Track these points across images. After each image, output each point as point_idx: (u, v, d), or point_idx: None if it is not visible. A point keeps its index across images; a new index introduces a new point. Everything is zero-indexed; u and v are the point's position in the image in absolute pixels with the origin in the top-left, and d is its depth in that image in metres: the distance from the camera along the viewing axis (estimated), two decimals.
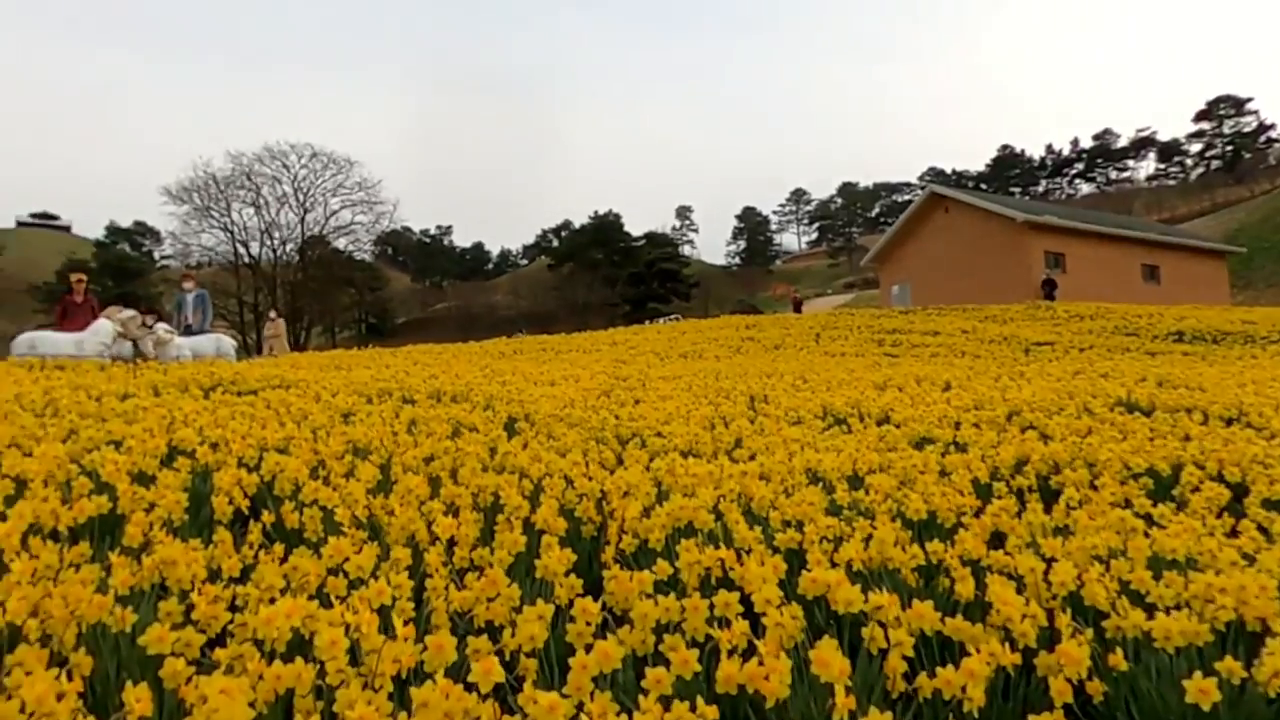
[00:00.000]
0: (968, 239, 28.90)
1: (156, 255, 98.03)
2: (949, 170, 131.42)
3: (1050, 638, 2.20)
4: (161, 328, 10.37)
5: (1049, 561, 2.51)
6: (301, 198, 71.36)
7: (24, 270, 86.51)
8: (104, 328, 10.15)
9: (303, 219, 71.77)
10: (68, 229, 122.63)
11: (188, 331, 11.90)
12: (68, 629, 1.88)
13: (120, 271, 78.94)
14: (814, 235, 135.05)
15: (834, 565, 2.46)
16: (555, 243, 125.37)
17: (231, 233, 69.21)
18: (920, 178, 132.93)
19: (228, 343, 11.84)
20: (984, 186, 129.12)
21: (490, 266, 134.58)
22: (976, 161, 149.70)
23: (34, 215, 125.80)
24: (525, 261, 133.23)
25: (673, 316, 62.77)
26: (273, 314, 23.29)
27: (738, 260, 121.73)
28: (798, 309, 36.38)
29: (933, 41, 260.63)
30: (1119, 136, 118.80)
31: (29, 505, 2.53)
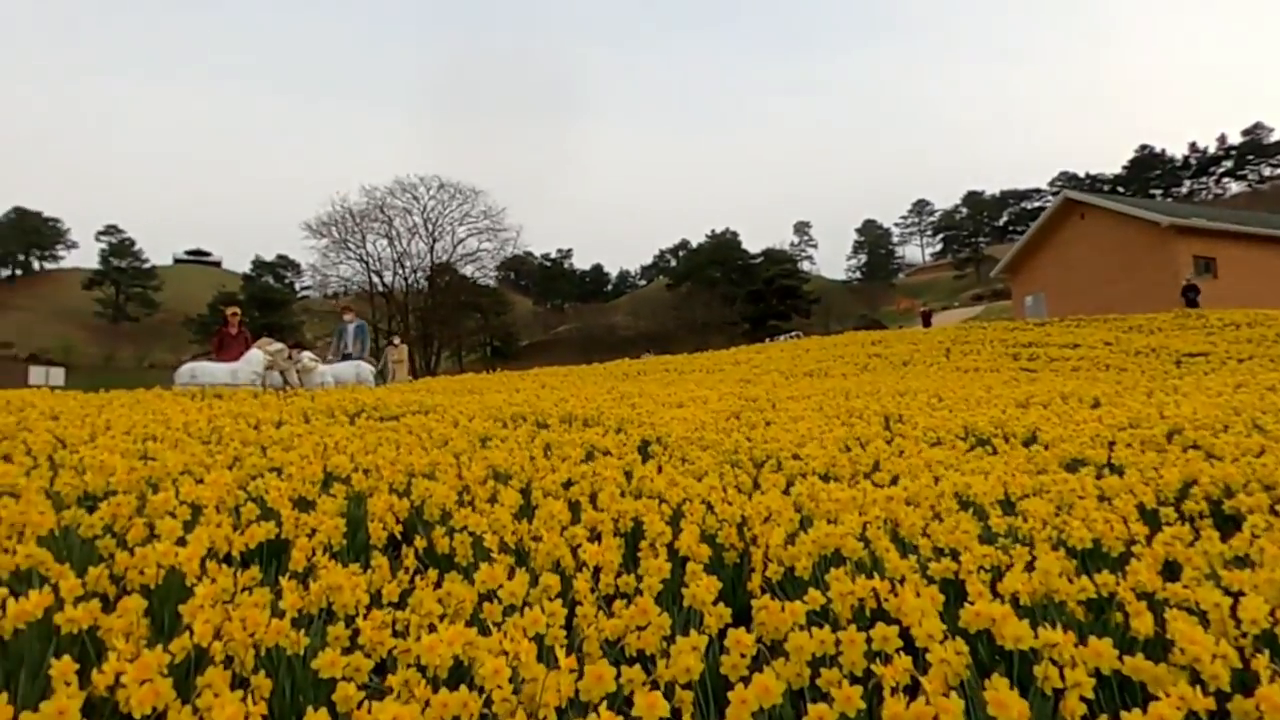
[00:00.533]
0: (1107, 245, 27.39)
1: (297, 286, 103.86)
2: (1082, 174, 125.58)
3: (1245, 680, 2.03)
4: (306, 356, 10.99)
5: (1234, 595, 2.33)
6: (430, 227, 74.46)
7: (181, 304, 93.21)
8: (256, 357, 10.77)
9: (432, 248, 74.80)
10: (218, 264, 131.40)
11: (346, 359, 12.63)
12: (248, 652, 1.98)
13: (265, 302, 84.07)
14: (938, 247, 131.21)
15: (996, 597, 2.35)
16: (673, 263, 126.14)
17: (366, 263, 72.74)
18: (1051, 183, 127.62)
19: (367, 369, 12.42)
20: (1121, 190, 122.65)
21: (609, 288, 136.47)
22: (1112, 164, 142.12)
23: (189, 252, 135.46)
24: (644, 282, 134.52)
25: (794, 334, 62.07)
26: (395, 340, 24.27)
27: (858, 275, 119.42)
28: (926, 323, 35.18)
29: (1061, 39, 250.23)
30: (1271, 130, 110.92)
31: (205, 531, 2.69)
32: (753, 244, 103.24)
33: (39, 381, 20.31)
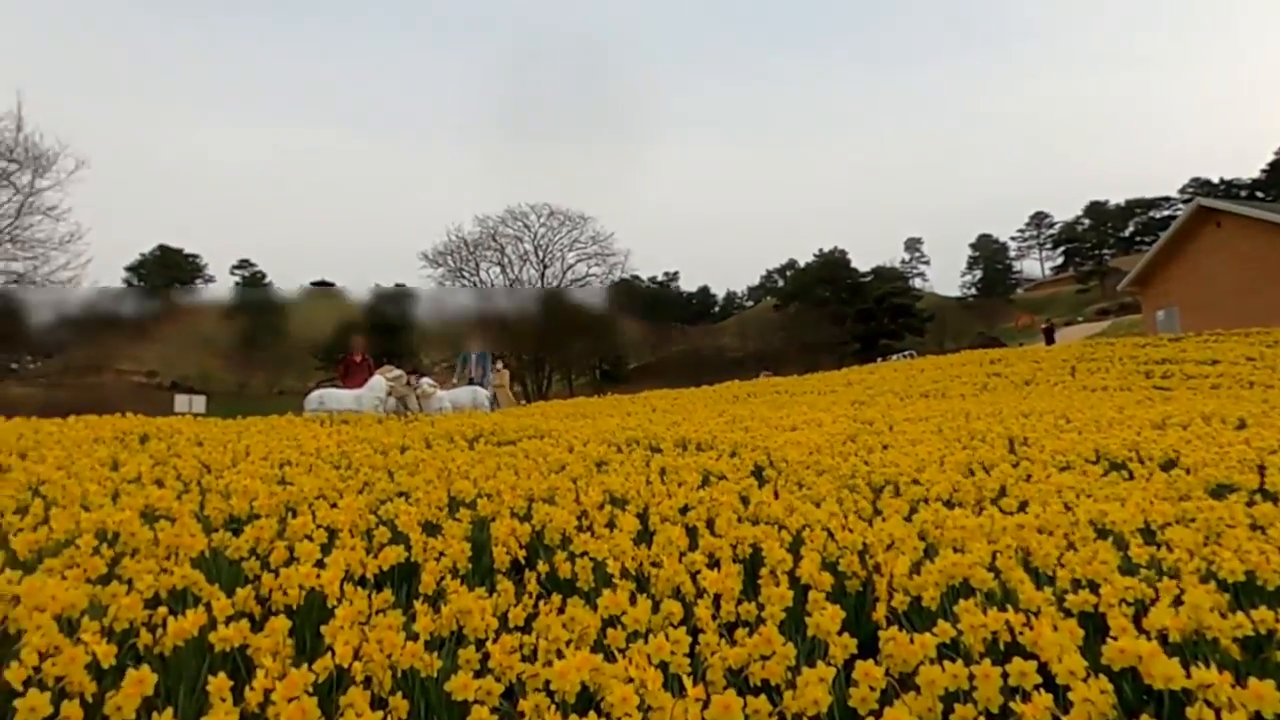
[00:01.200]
0: (1246, 255, 25.66)
1: (413, 313, 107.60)
2: (1216, 180, 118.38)
3: None
4: (425, 382, 11.37)
5: None
6: (541, 254, 76.48)
7: (307, 331, 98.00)
8: (378, 384, 11.20)
9: (543, 274, 76.75)
10: (341, 293, 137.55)
11: (471, 384, 13.09)
12: (385, 673, 2.06)
13: (385, 329, 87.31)
14: (1059, 260, 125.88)
15: (1141, 633, 2.23)
16: (780, 283, 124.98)
17: (480, 290, 75.32)
18: (1182, 191, 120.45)
19: (483, 394, 12.74)
20: (1260, 195, 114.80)
21: (716, 309, 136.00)
22: (1249, 168, 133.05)
23: (314, 283, 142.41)
24: (751, 303, 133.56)
25: (908, 353, 60.37)
26: (499, 365, 24.75)
27: (973, 291, 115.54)
28: (1049, 339, 33.61)
29: (1190, 39, 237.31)
30: None
31: (341, 554, 2.82)
32: (862, 262, 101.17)
33: (183, 409, 21.37)
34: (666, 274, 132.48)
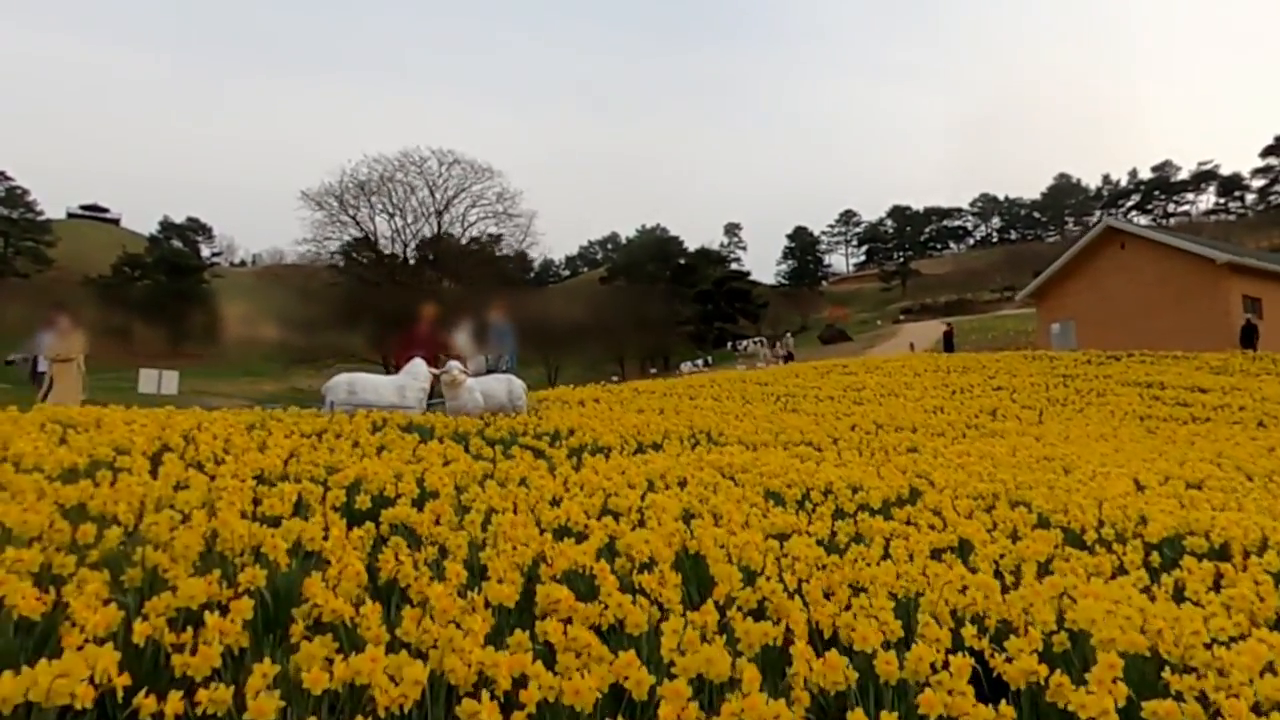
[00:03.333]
0: (1149, 278, 26.93)
1: (206, 252, 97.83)
2: (1001, 197, 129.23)
3: None
4: (455, 366, 8.80)
5: None
6: (437, 203, 68.92)
7: (76, 262, 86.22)
8: (421, 370, 8.78)
9: (439, 227, 69.50)
10: (116, 221, 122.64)
11: (488, 371, 10.29)
12: None
13: (174, 268, 78.50)
14: (861, 258, 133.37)
15: None
16: (599, 255, 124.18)
17: (371, 239, 67.09)
18: (972, 204, 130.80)
19: (519, 386, 9.91)
20: (1037, 215, 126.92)
21: (530, 276, 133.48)
22: (1031, 189, 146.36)
23: (83, 207, 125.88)
24: (567, 273, 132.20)
25: (757, 340, 60.79)
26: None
27: (784, 281, 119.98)
28: (949, 346, 32.18)
29: (992, 66, 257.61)
30: (1179, 169, 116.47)
31: None
32: (681, 241, 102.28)
33: (150, 388, 16.10)
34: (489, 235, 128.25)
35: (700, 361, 55.17)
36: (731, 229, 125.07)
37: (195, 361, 72.83)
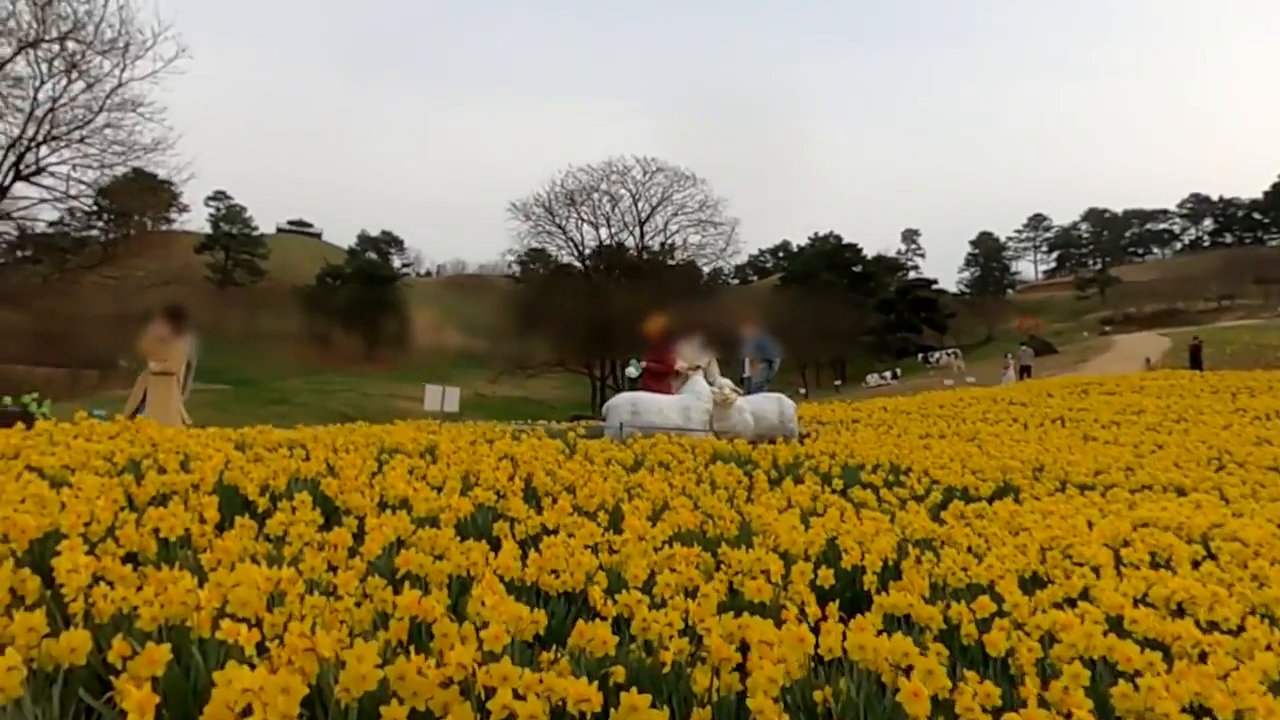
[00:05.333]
0: None
1: (398, 263, 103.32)
2: (1215, 197, 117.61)
3: None
4: (726, 384, 8.17)
5: None
6: (639, 212, 69.80)
7: (284, 273, 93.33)
8: (704, 389, 8.03)
9: (640, 236, 70.55)
10: (319, 235, 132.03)
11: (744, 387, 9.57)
12: None
13: (370, 278, 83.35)
14: (1051, 264, 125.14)
15: None
16: (770, 263, 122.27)
17: (578, 247, 68.79)
18: (1180, 205, 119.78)
19: (790, 406, 8.83)
20: (1258, 216, 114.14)
21: (700, 283, 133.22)
22: (1252, 188, 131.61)
23: (290, 222, 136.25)
24: (735, 282, 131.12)
25: (950, 351, 57.68)
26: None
27: (966, 289, 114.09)
28: (1197, 361, 27.64)
29: (1198, 56, 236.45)
30: None
31: None
32: (859, 248, 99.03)
33: (434, 405, 15.52)
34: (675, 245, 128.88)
35: (888, 374, 52.71)
36: (909, 235, 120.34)
37: (386, 366, 77.29)
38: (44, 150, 21.94)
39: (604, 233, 68.17)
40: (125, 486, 3.16)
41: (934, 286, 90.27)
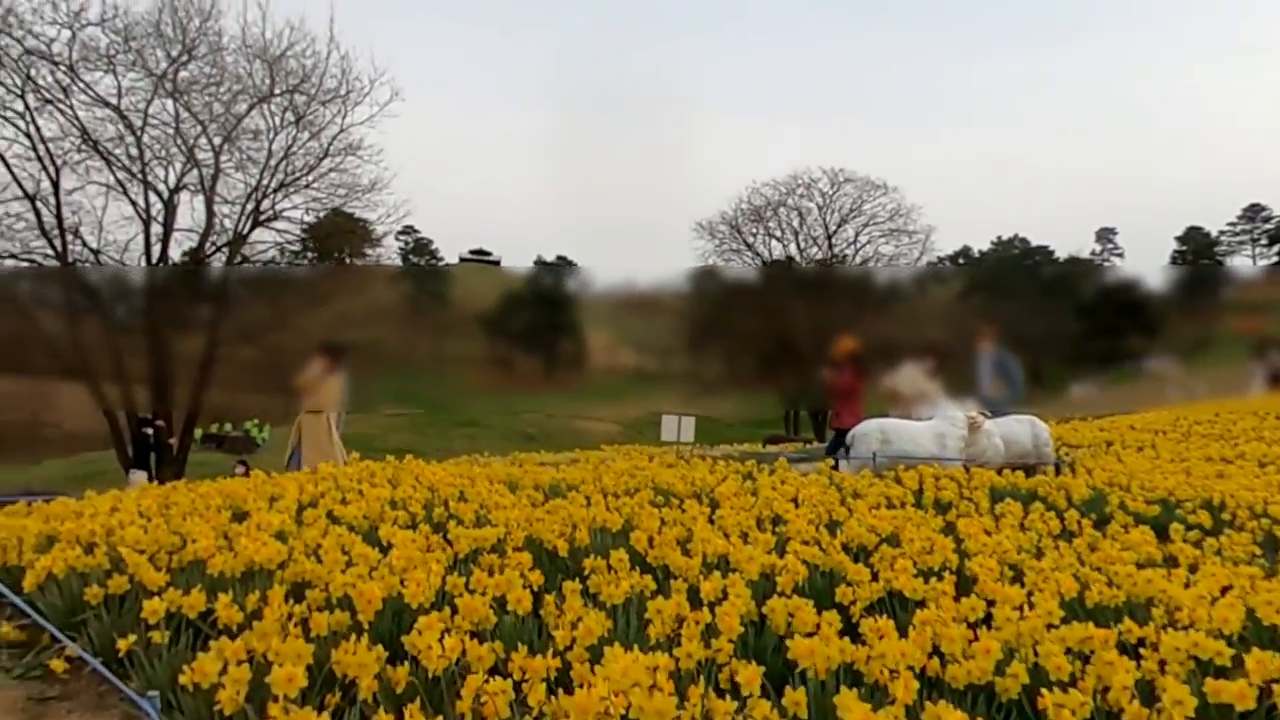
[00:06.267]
0: None
1: (571, 286, 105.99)
2: None
3: None
4: (969, 408, 7.68)
5: None
6: (827, 224, 69.37)
7: (467, 300, 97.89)
8: (959, 414, 7.56)
9: (829, 248, 70.05)
10: (497, 263, 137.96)
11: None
12: None
13: (550, 302, 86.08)
14: (1273, 259, 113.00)
15: None
16: (949, 270, 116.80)
17: (766, 264, 69.21)
18: None
19: (1044, 429, 8.15)
20: None
21: (884, 293, 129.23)
22: None
23: (472, 252, 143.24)
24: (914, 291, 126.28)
25: (1163, 359, 52.88)
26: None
27: (1175, 289, 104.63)
28: None
29: None
30: None
31: None
32: (1051, 250, 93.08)
33: (670, 436, 15.69)
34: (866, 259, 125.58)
35: (1094, 385, 48.82)
36: (1105, 234, 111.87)
37: (564, 387, 79.39)
38: (278, 196, 24.15)
39: (792, 248, 67.15)
40: (430, 540, 3.21)
41: (1139, 288, 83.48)
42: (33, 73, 20.28)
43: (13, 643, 3.30)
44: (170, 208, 22.61)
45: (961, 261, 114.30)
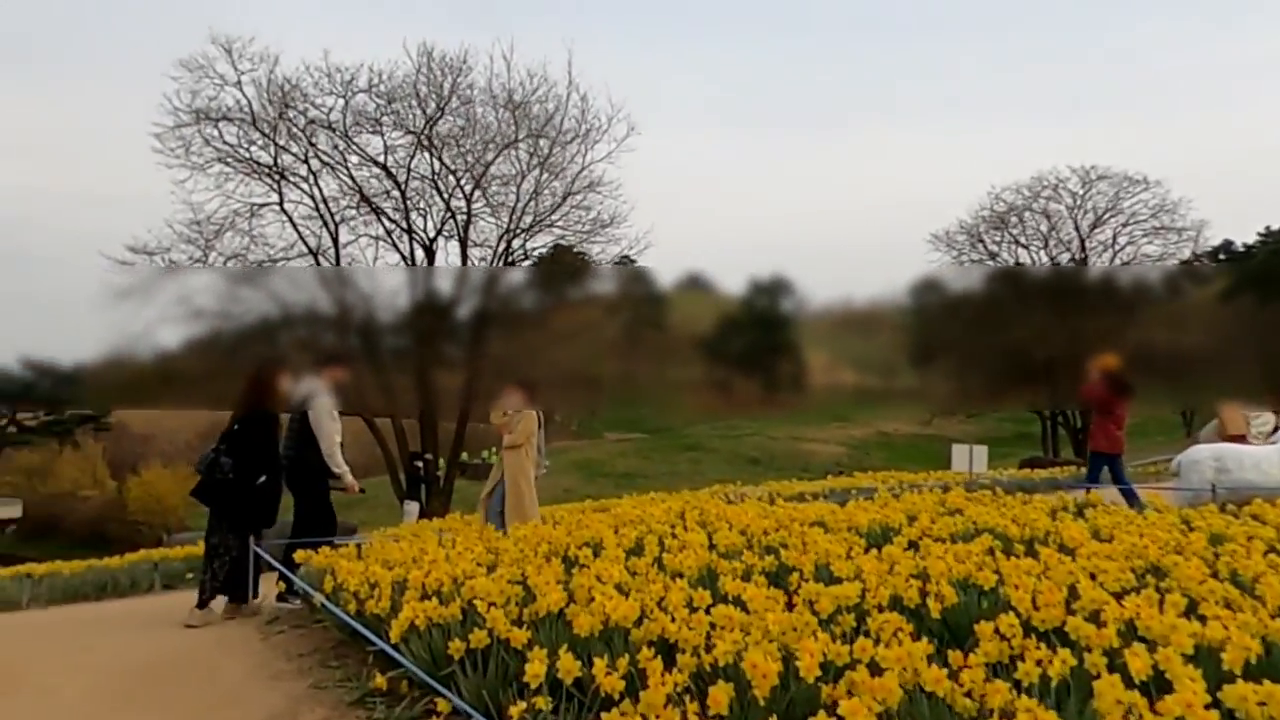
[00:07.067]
0: None
1: (788, 305, 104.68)
2: None
3: None
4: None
5: None
6: (1079, 226, 64.80)
7: (683, 324, 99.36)
8: None
9: (1083, 250, 65.59)
10: (713, 287, 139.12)
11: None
12: None
13: (766, 323, 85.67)
14: None
15: None
16: (1209, 268, 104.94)
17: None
18: None
19: None
20: None
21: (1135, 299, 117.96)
22: None
23: (687, 277, 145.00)
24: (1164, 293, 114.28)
25: None
26: None
27: None
28: None
29: None
30: None
31: None
32: None
33: (962, 466, 15.95)
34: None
35: None
36: None
37: (785, 409, 78.56)
38: (526, 237, 25.50)
39: (1042, 254, 61.85)
40: (775, 595, 2.94)
41: None
42: (314, 140, 23.02)
43: (378, 691, 3.46)
44: (430, 254, 24.64)
45: (1223, 258, 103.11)
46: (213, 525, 6.18)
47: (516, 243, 25.08)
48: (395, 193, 23.88)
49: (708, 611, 2.76)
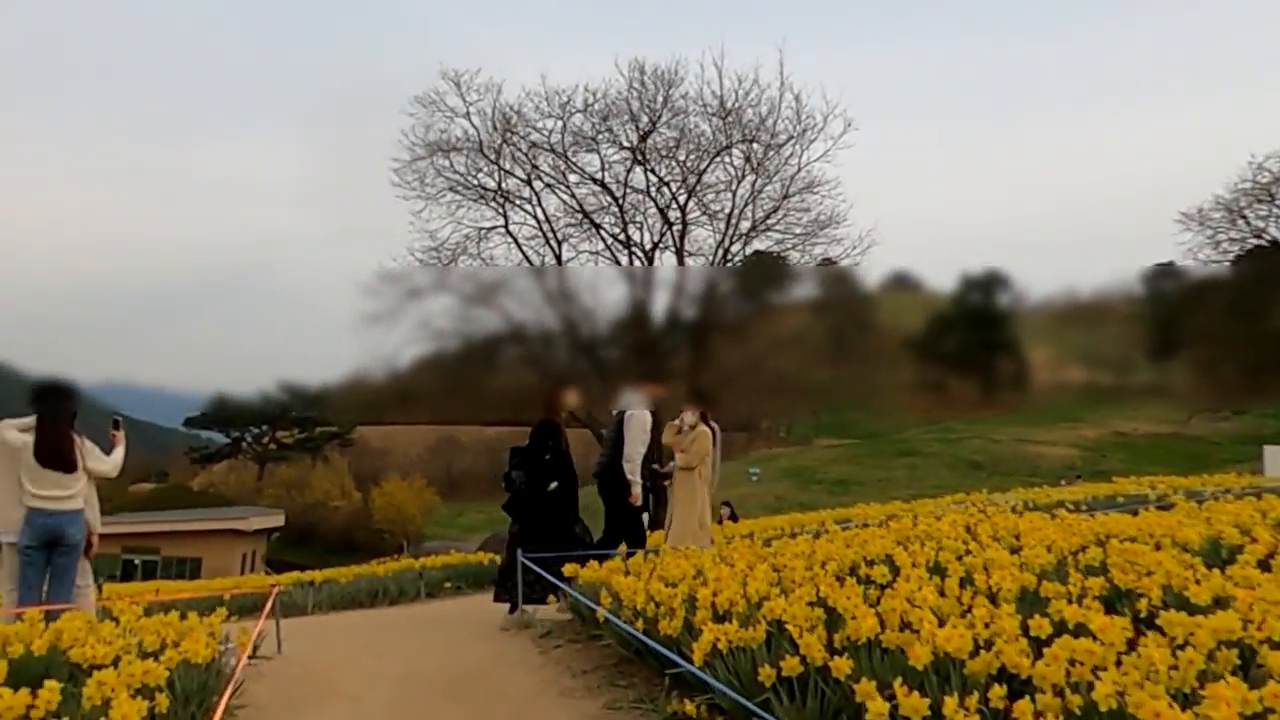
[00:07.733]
0: None
1: (1005, 300, 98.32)
2: None
3: None
4: None
5: None
6: None
7: (890, 324, 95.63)
8: None
9: None
10: (921, 285, 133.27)
11: None
12: None
13: (979, 320, 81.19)
14: None
15: None
16: None
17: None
18: None
19: None
20: None
21: None
22: None
23: (893, 275, 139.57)
24: None
25: None
26: None
27: None
28: None
29: None
30: None
31: None
32: None
33: (1275, 470, 15.82)
34: None
35: None
36: None
37: (1006, 410, 73.82)
38: (743, 243, 25.56)
39: None
40: (1121, 624, 2.62)
41: None
42: (536, 162, 24.10)
43: (683, 715, 3.31)
44: (650, 266, 25.00)
45: None
46: (514, 535, 6.56)
47: (735, 248, 25.08)
48: (614, 207, 24.54)
49: (1047, 642, 2.51)
